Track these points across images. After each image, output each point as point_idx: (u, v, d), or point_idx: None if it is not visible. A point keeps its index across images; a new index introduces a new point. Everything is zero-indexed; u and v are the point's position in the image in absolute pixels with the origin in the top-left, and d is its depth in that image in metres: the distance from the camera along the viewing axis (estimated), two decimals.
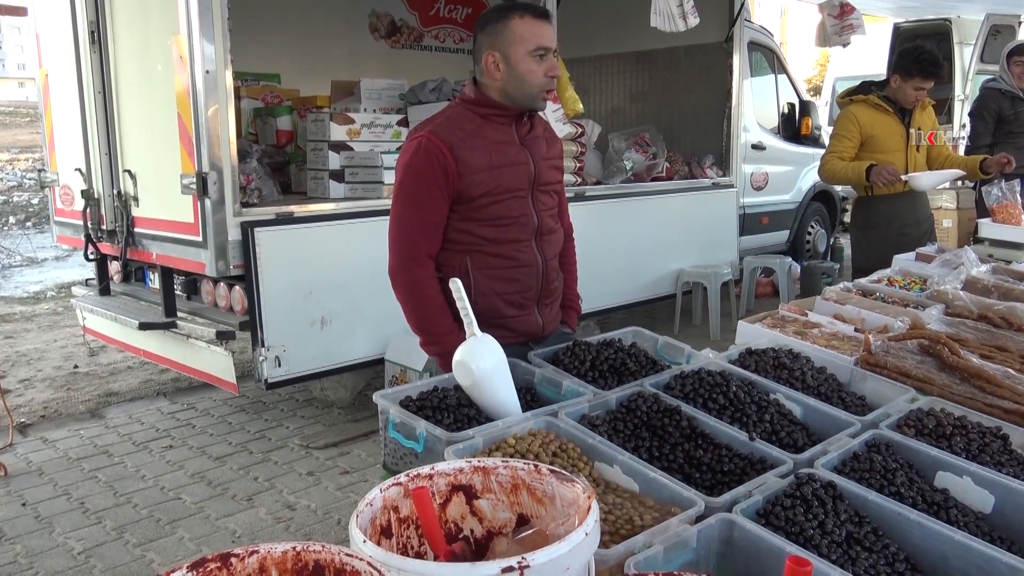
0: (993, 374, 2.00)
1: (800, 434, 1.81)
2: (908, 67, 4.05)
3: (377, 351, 4.33)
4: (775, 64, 8.02)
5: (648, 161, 6.09)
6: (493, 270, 2.22)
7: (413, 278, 2.18)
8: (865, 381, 2.11)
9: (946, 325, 2.42)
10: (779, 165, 7.88)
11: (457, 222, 2.20)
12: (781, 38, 22.77)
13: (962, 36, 9.68)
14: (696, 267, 6.19)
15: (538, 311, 2.34)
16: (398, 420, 1.74)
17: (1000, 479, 1.62)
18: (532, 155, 2.26)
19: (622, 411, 1.81)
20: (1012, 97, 5.24)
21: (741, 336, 2.41)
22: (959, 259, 3.11)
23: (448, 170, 2.13)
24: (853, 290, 2.86)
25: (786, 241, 8.15)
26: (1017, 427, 1.85)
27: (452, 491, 1.35)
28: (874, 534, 1.45)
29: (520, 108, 2.22)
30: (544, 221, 2.30)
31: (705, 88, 6.79)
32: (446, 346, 2.15)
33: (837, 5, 6.26)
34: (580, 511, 1.17)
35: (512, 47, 2.13)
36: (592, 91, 7.58)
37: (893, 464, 1.64)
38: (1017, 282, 2.85)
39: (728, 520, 1.40)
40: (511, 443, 1.62)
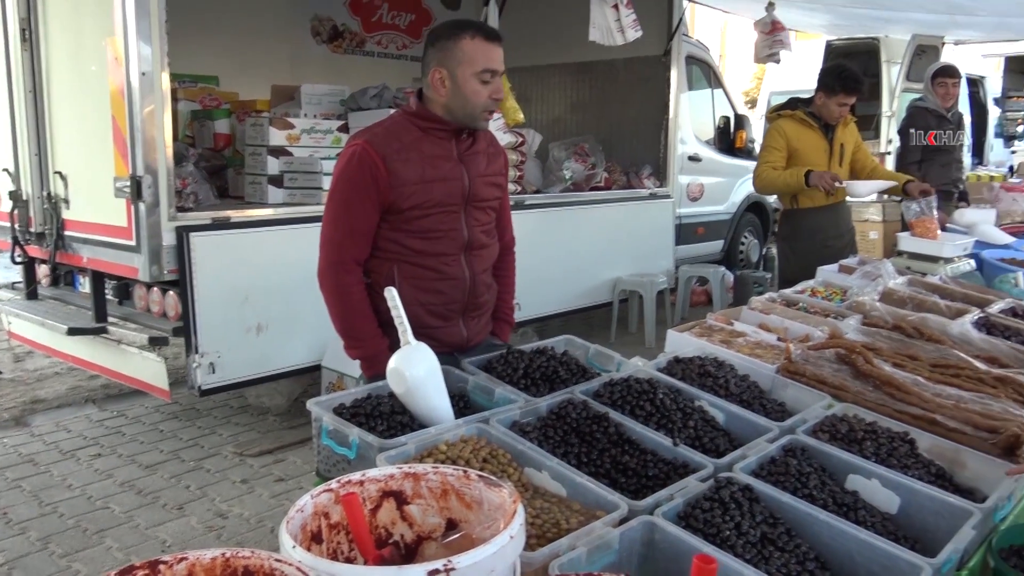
0: (903, 382, 2.11)
1: (722, 439, 1.88)
2: (832, 84, 4.22)
3: (314, 357, 4.31)
4: (711, 78, 8.23)
5: (587, 171, 6.19)
6: (419, 281, 2.25)
7: (339, 282, 2.20)
8: (785, 388, 2.20)
9: (862, 335, 2.53)
10: (714, 177, 8.09)
11: (387, 231, 2.23)
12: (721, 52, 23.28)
13: (890, 55, 10.06)
14: (633, 276, 6.30)
15: (463, 323, 2.37)
16: (331, 427, 1.76)
17: (905, 481, 1.72)
18: (468, 171, 2.29)
19: (552, 418, 1.86)
20: (938, 116, 5.43)
21: (670, 345, 2.49)
22: (878, 271, 3.25)
23: (379, 181, 2.15)
24: (778, 300, 2.96)
25: (720, 251, 8.36)
26: (924, 432, 1.96)
27: (383, 497, 1.38)
28: (787, 534, 1.52)
29: (461, 125, 2.25)
30: (475, 236, 2.33)
31: (643, 100, 6.93)
32: (367, 350, 2.20)
33: (769, 23, 6.46)
34: (506, 515, 1.21)
35: (460, 66, 2.16)
36: (534, 101, 7.66)
37: (807, 468, 1.73)
38: (930, 294, 3.00)
39: (650, 523, 1.46)
40: (443, 449, 1.66)
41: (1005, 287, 3.49)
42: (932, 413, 2.00)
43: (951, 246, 3.76)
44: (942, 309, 2.80)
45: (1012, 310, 2.92)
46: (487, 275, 2.43)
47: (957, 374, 2.24)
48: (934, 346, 2.42)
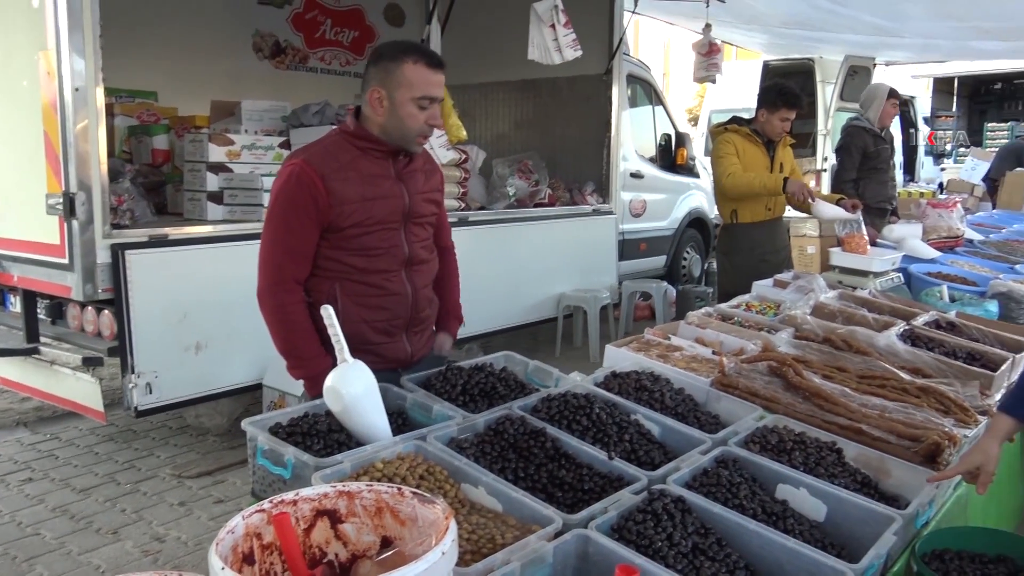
0: (831, 393, 2.18)
1: (657, 452, 1.92)
2: (774, 100, 4.36)
3: (255, 376, 4.25)
4: (653, 96, 8.38)
5: (531, 187, 6.24)
6: (362, 298, 2.25)
7: (279, 302, 2.19)
8: (719, 401, 2.25)
9: (794, 348, 2.61)
10: (656, 193, 8.22)
11: (327, 250, 2.22)
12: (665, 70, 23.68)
13: (824, 75, 10.37)
14: (577, 291, 6.36)
15: (407, 339, 2.37)
16: (266, 447, 1.75)
17: (832, 490, 1.77)
18: (407, 189, 2.30)
19: (490, 434, 1.88)
20: (875, 135, 5.57)
21: (608, 359, 2.53)
22: (811, 286, 3.35)
23: (319, 200, 2.15)
24: (714, 315, 3.03)
25: (663, 266, 8.48)
26: (850, 441, 2.02)
27: (317, 516, 1.38)
28: (718, 544, 1.56)
29: (395, 148, 2.26)
30: (416, 252, 2.34)
31: (586, 118, 7.02)
32: (311, 370, 2.18)
33: (706, 44, 6.62)
34: (438, 531, 1.22)
35: (399, 89, 2.16)
36: (478, 117, 7.70)
37: (738, 478, 1.77)
38: (859, 308, 3.10)
39: (584, 536, 1.48)
40: (379, 467, 1.66)
41: (931, 300, 3.62)
42: (858, 423, 2.07)
43: (880, 261, 3.89)
44: (870, 322, 2.90)
45: (936, 322, 3.04)
46: (428, 290, 2.44)
47: (883, 385, 2.32)
48: (861, 358, 2.50)
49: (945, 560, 1.86)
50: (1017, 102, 17.46)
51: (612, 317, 6.72)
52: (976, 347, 2.76)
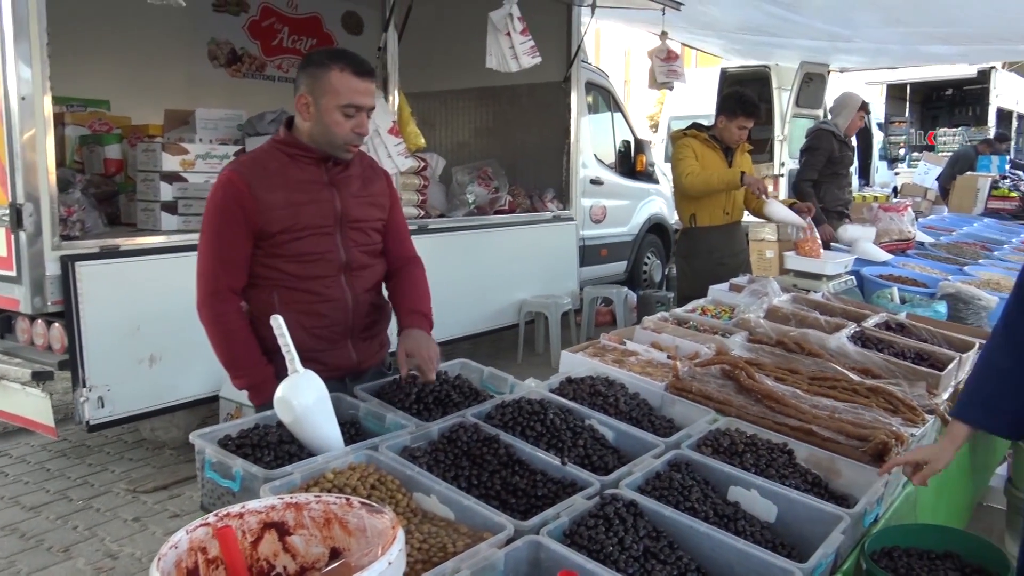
0: (782, 395, 2.21)
1: (611, 457, 1.92)
2: (733, 108, 4.43)
3: (211, 388, 4.19)
4: (612, 104, 8.44)
5: (491, 194, 6.25)
6: (299, 305, 2.23)
7: (216, 312, 2.18)
8: (674, 405, 2.27)
9: (747, 351, 2.63)
10: (617, 199, 8.27)
11: (263, 258, 2.22)
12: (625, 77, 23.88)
13: (780, 82, 10.54)
14: (538, 297, 6.37)
15: (352, 346, 2.35)
16: (215, 460, 1.72)
17: (782, 491, 1.79)
18: (340, 192, 2.28)
19: (443, 442, 1.87)
20: (841, 141, 5.67)
21: (564, 365, 2.53)
22: (765, 289, 3.39)
23: (247, 208, 2.15)
24: (669, 319, 3.06)
25: (624, 271, 8.54)
26: (801, 442, 2.05)
27: (264, 528, 1.36)
28: (669, 547, 1.57)
29: (324, 154, 2.25)
30: (354, 257, 2.32)
31: (546, 125, 7.05)
32: (252, 379, 2.18)
33: (664, 50, 6.69)
34: (385, 541, 1.21)
35: (325, 96, 2.16)
36: (438, 125, 7.70)
37: (690, 481, 1.78)
38: (811, 310, 3.14)
39: (535, 542, 1.48)
40: (330, 478, 1.64)
41: (882, 302, 3.69)
42: (809, 424, 2.10)
43: (833, 264, 3.96)
44: (822, 324, 2.94)
45: (886, 324, 3.09)
46: (372, 295, 2.41)
47: (834, 386, 2.36)
48: (813, 360, 2.54)
49: (894, 557, 1.89)
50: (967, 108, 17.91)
51: (574, 323, 6.74)
52: (924, 347, 2.82)
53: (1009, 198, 8.45)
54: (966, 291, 3.73)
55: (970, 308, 3.68)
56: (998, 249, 5.41)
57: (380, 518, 1.29)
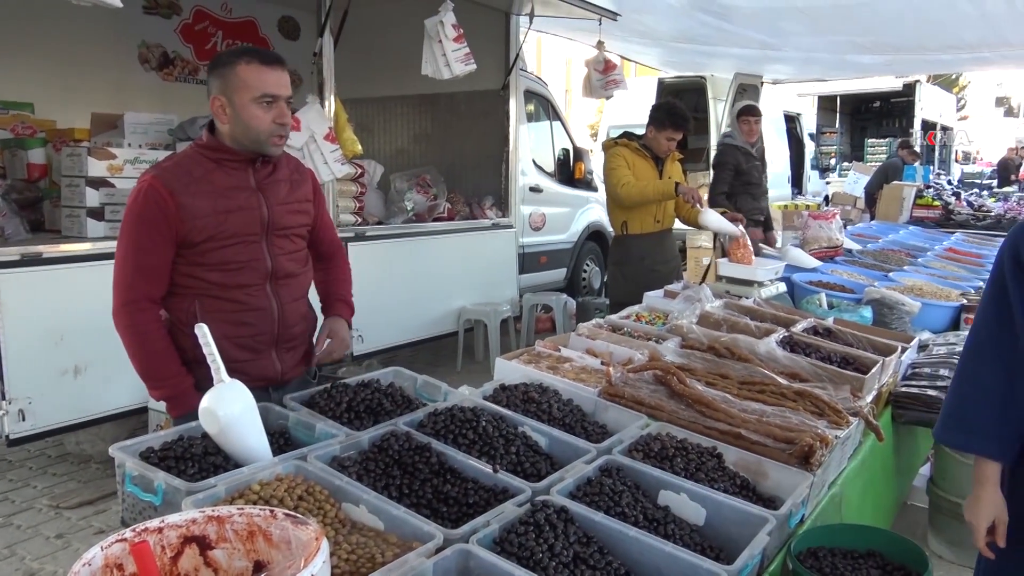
0: (712, 399, 2.24)
1: (544, 464, 1.93)
2: (662, 119, 4.50)
3: (140, 399, 4.07)
4: (551, 111, 8.50)
5: (429, 202, 6.22)
6: (222, 314, 2.18)
7: (133, 322, 2.12)
8: (607, 411, 2.28)
9: (679, 356, 2.67)
10: (556, 207, 8.33)
11: (184, 266, 2.17)
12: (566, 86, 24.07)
13: (715, 92, 10.76)
14: (477, 305, 6.36)
15: (276, 356, 2.31)
16: (135, 473, 1.67)
17: (711, 494, 1.82)
18: (267, 199, 2.24)
19: (374, 451, 1.85)
20: (745, 152, 5.86)
21: (498, 372, 2.53)
22: (698, 296, 3.44)
23: (169, 216, 2.09)
24: (604, 326, 3.08)
25: (564, 279, 8.59)
26: (730, 446, 2.08)
27: (184, 543, 1.32)
28: (599, 552, 1.57)
29: (251, 153, 2.20)
30: (281, 265, 2.28)
31: (484, 132, 7.05)
32: (172, 390, 2.13)
33: (602, 61, 6.76)
34: (308, 553, 1.19)
35: (237, 92, 2.12)
36: (376, 132, 7.64)
37: (621, 486, 1.80)
38: (742, 316, 3.21)
39: (464, 550, 1.47)
40: (256, 490, 1.61)
41: (811, 307, 3.78)
42: (738, 428, 2.13)
43: (764, 270, 4.05)
44: (752, 330, 3.00)
45: (813, 329, 3.17)
46: (299, 304, 2.37)
47: (762, 390, 2.40)
48: (743, 365, 2.58)
49: (819, 557, 1.94)
50: (894, 119, 18.54)
51: (513, 330, 6.75)
52: (850, 352, 2.90)
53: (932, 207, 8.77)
54: (890, 297, 3.84)
55: (894, 313, 3.80)
56: (922, 256, 5.59)
57: (304, 529, 1.27)
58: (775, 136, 11.98)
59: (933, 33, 6.74)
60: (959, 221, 8.44)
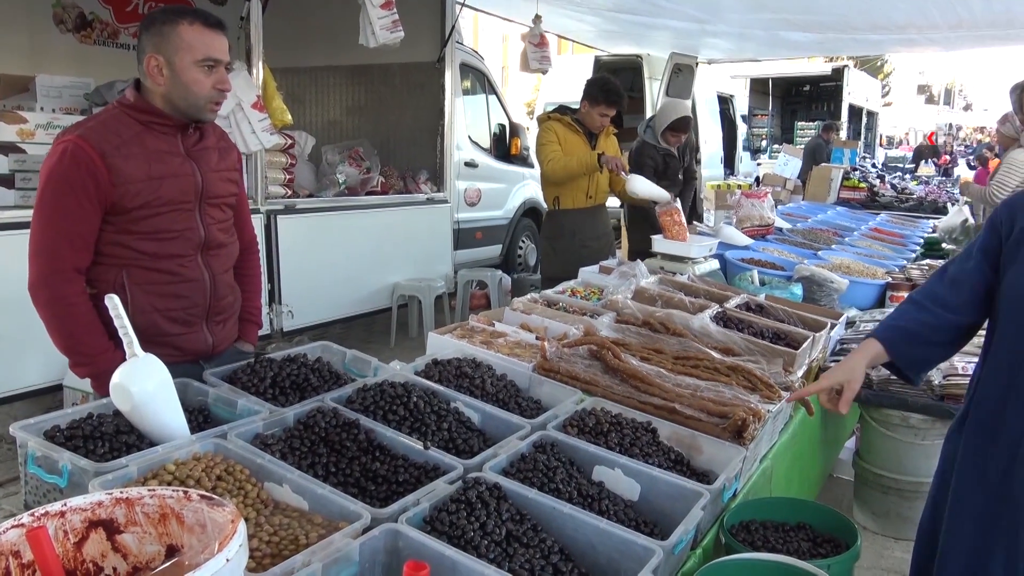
0: (646, 374, 2.22)
1: (476, 440, 1.88)
2: (595, 95, 4.45)
3: (54, 376, 3.89)
4: (487, 86, 8.39)
5: (362, 175, 6.08)
6: (154, 286, 2.07)
7: (57, 295, 1.97)
8: (541, 386, 2.25)
9: (614, 331, 2.65)
10: (491, 182, 8.25)
11: (111, 235, 2.03)
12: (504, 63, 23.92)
13: (651, 71, 10.79)
14: (411, 280, 6.27)
15: (207, 328, 2.21)
16: (38, 453, 1.56)
17: (645, 469, 1.79)
18: (199, 167, 2.13)
19: (299, 428, 1.77)
20: (665, 153, 5.45)
21: (431, 347, 2.47)
22: (633, 271, 3.43)
23: (99, 179, 1.95)
24: (539, 300, 3.04)
25: (499, 255, 8.54)
26: (665, 421, 2.07)
27: (90, 527, 1.24)
28: (533, 530, 1.53)
29: (185, 118, 2.09)
30: (213, 235, 2.18)
31: (419, 105, 6.92)
32: (98, 366, 2.00)
33: (537, 35, 6.69)
34: (224, 536, 1.12)
35: (178, 54, 2.00)
36: (307, 103, 7.42)
37: (555, 462, 1.76)
38: (677, 292, 3.20)
39: (393, 530, 1.41)
40: (171, 470, 1.52)
41: (743, 284, 3.81)
42: (672, 403, 2.12)
43: (698, 247, 4.06)
44: (686, 305, 3.00)
45: (746, 304, 3.19)
46: (229, 276, 2.28)
47: (696, 365, 2.40)
48: (677, 339, 2.57)
49: (751, 530, 1.94)
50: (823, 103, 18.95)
51: (448, 307, 6.68)
52: (781, 327, 2.92)
53: (859, 188, 9.01)
54: (820, 274, 3.90)
55: (823, 290, 3.86)
56: (848, 235, 5.72)
57: (220, 511, 1.19)
58: (708, 117, 12.10)
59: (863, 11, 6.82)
60: (883, 203, 8.69)
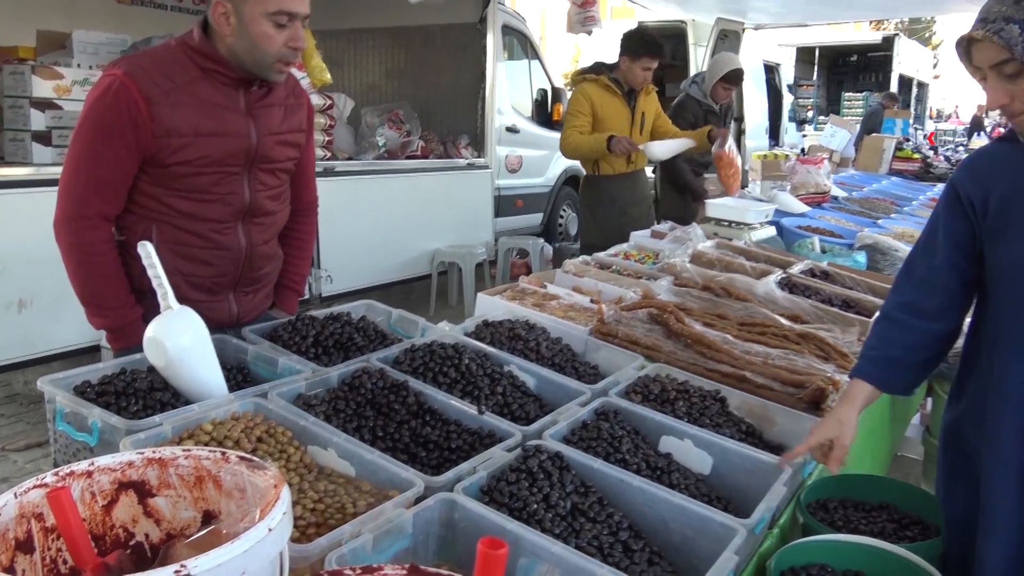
0: (713, 340, 2.07)
1: (532, 406, 1.74)
2: (636, 48, 4.22)
3: (91, 337, 3.82)
4: (529, 50, 8.17)
5: (402, 138, 5.94)
6: (183, 247, 1.90)
7: (79, 240, 1.82)
8: (598, 351, 2.10)
9: (674, 295, 2.49)
10: (533, 149, 8.05)
11: (146, 185, 1.86)
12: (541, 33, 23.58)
13: (696, 37, 10.48)
14: (451, 247, 6.14)
15: (233, 297, 2.05)
16: (67, 409, 1.46)
17: (718, 440, 1.65)
18: (257, 127, 1.93)
19: (344, 389, 1.65)
20: (707, 110, 5.28)
21: (480, 308, 2.34)
22: (688, 235, 3.26)
23: (140, 127, 1.77)
24: (591, 263, 2.89)
25: (540, 224, 8.37)
26: (734, 390, 1.92)
27: (120, 489, 1.12)
28: (599, 504, 1.40)
29: (248, 74, 1.88)
30: (259, 203, 1.99)
31: (460, 68, 6.73)
32: (116, 320, 1.86)
33: None
34: (266, 502, 0.99)
35: (248, 2, 1.78)
36: (346, 65, 7.28)
37: (620, 431, 1.62)
38: (736, 256, 3.03)
39: (448, 500, 1.29)
40: (207, 430, 1.40)
41: (803, 251, 3.62)
42: (742, 371, 1.96)
43: (754, 212, 3.86)
44: (748, 270, 2.83)
45: (811, 271, 3.01)
46: (270, 246, 2.09)
47: (763, 332, 2.23)
48: (742, 304, 2.41)
49: (829, 510, 1.79)
50: (871, 74, 18.39)
51: (488, 275, 6.55)
52: (851, 295, 2.74)
53: (912, 159, 8.67)
54: (884, 242, 3.70)
55: (887, 259, 3.65)
56: (907, 205, 5.46)
57: (262, 475, 1.07)
58: (753, 86, 11.75)
59: None
60: (937, 174, 8.35)
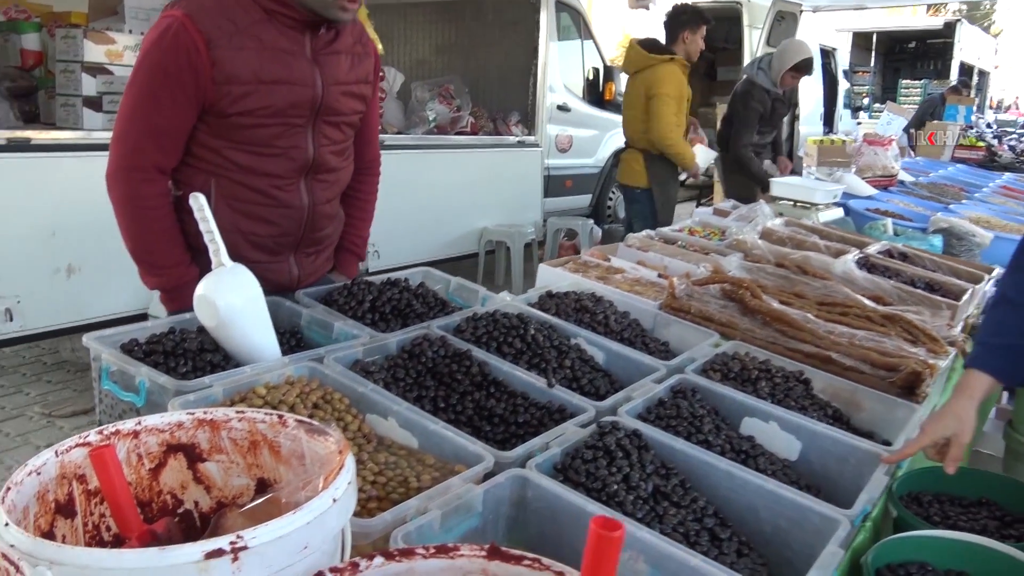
0: (794, 318, 1.92)
1: (603, 381, 1.62)
2: (694, 20, 4.35)
3: (139, 304, 3.78)
4: (581, 27, 7.99)
5: (452, 113, 5.83)
6: (242, 204, 1.79)
7: (134, 193, 1.71)
8: (669, 327, 1.98)
9: (746, 271, 2.34)
10: (584, 129, 7.88)
11: (204, 136, 1.74)
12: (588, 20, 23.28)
13: (752, 19, 10.17)
14: (500, 226, 6.02)
15: (294, 260, 1.93)
16: (114, 368, 1.37)
17: (806, 423, 1.51)
18: (323, 76, 1.80)
19: (404, 356, 1.54)
20: (775, 98, 5.09)
21: (541, 280, 2.21)
22: (754, 213, 3.10)
23: (200, 71, 1.64)
24: (655, 237, 2.75)
25: (588, 205, 8.20)
26: (818, 371, 1.78)
27: (168, 452, 1.03)
28: (682, 487, 1.27)
29: (314, 16, 1.75)
30: (323, 158, 1.87)
31: (512, 44, 6.59)
32: (172, 279, 1.75)
33: None
34: (329, 471, 0.89)
35: None
36: (396, 40, 7.18)
37: (700, 410, 1.49)
38: (809, 234, 2.87)
39: (521, 477, 1.17)
40: (260, 393, 1.31)
41: (875, 233, 3.43)
42: (827, 351, 1.82)
43: (822, 192, 3.68)
44: (822, 248, 2.67)
45: (888, 252, 2.83)
46: (333, 205, 1.98)
47: (845, 312, 2.08)
48: (821, 283, 2.25)
49: (923, 503, 1.63)
50: (930, 61, 17.81)
51: (536, 255, 6.42)
52: (934, 277, 2.57)
53: (976, 147, 8.32)
54: (960, 226, 3.49)
55: (964, 244, 3.46)
56: (977, 191, 5.21)
57: (323, 441, 0.96)
58: None
59: None
60: (1003, 163, 8.00)
